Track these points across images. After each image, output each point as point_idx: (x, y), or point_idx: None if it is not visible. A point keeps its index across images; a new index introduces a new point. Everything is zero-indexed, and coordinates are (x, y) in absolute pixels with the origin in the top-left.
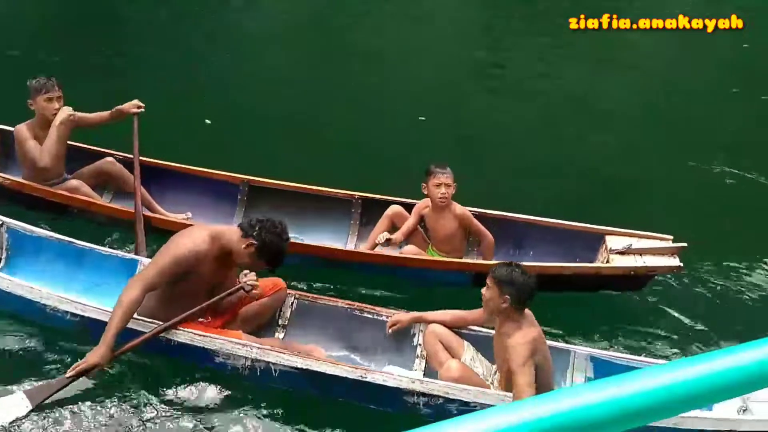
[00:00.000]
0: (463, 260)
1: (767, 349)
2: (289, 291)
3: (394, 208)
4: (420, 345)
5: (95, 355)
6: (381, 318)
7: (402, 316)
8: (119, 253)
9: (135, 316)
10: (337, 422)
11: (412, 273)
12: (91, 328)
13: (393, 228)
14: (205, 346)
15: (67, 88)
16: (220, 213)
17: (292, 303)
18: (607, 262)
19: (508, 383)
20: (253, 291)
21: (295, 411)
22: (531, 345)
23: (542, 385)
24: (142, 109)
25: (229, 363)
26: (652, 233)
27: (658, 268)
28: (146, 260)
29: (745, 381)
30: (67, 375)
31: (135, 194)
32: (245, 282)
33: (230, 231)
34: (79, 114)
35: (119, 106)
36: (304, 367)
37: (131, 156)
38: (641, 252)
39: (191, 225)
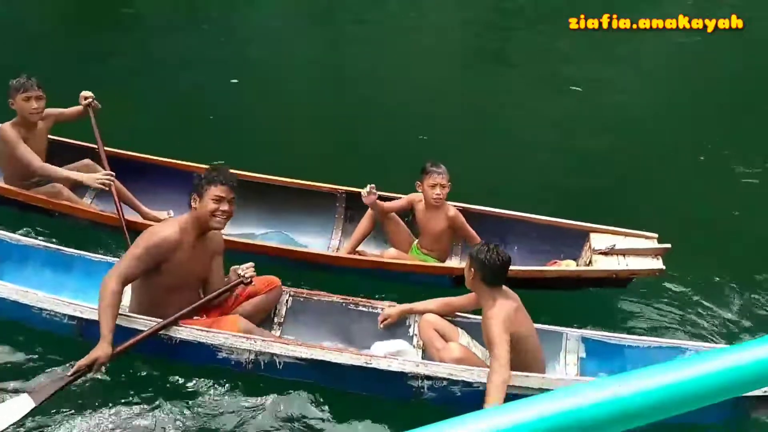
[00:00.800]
0: (444, 265)
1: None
2: (283, 288)
3: None
4: (416, 335)
5: (95, 351)
6: (377, 310)
7: (392, 310)
8: (109, 258)
9: (133, 316)
10: (344, 415)
11: (394, 275)
12: (88, 333)
13: (377, 227)
14: (208, 342)
15: (67, 82)
16: None
17: (287, 300)
18: (590, 262)
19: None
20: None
21: (301, 404)
22: (504, 316)
23: (525, 356)
24: (89, 99)
25: (233, 358)
26: (638, 231)
27: (639, 271)
28: None
29: (748, 380)
30: (69, 373)
31: (113, 195)
32: (243, 274)
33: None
34: (57, 111)
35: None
36: (309, 357)
37: (115, 150)
38: (624, 253)
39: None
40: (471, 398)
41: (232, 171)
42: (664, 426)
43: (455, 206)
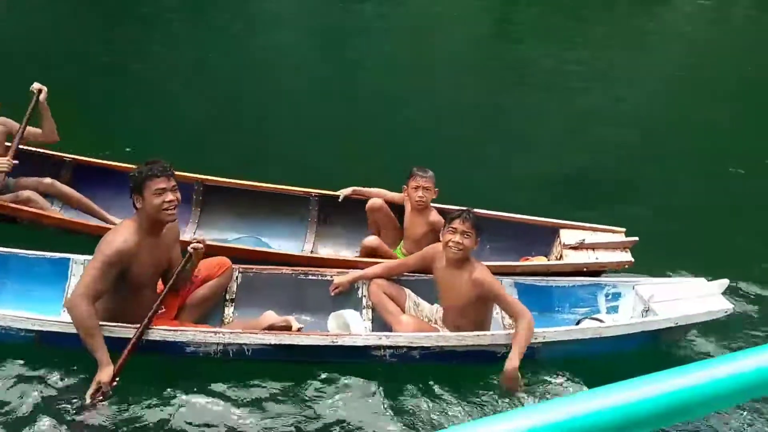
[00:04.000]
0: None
1: None
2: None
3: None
4: (365, 297)
5: (99, 376)
6: (326, 278)
7: (342, 278)
8: (47, 254)
9: (109, 325)
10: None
11: None
12: (47, 340)
13: (376, 229)
14: (176, 340)
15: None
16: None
17: (237, 277)
18: (561, 257)
19: (459, 314)
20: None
21: (268, 380)
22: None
23: (486, 316)
24: (37, 91)
25: (201, 350)
26: (605, 226)
27: (608, 264)
28: (78, 257)
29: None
30: (88, 403)
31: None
32: (190, 247)
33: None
34: (16, 124)
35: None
36: (278, 343)
37: (86, 159)
38: (594, 247)
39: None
40: (429, 358)
41: (200, 175)
42: (587, 360)
43: (436, 207)
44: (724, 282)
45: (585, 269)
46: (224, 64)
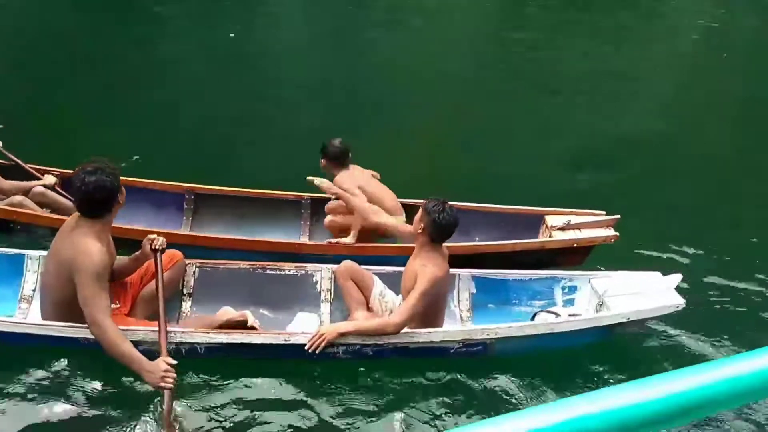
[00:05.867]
0: (405, 245)
1: None
2: (189, 261)
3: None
4: (323, 291)
5: (150, 375)
6: (284, 272)
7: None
8: (2, 250)
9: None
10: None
11: (365, 259)
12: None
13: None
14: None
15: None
16: (167, 223)
17: (194, 272)
18: (550, 237)
19: None
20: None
21: (221, 379)
22: (436, 280)
23: (433, 312)
24: None
25: (154, 349)
26: (587, 210)
27: (597, 238)
28: (32, 253)
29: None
30: (165, 407)
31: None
32: (157, 245)
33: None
34: None
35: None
36: (230, 342)
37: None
38: (580, 226)
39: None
40: (383, 354)
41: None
42: (545, 354)
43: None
44: (678, 276)
45: (575, 244)
46: (219, 69)
